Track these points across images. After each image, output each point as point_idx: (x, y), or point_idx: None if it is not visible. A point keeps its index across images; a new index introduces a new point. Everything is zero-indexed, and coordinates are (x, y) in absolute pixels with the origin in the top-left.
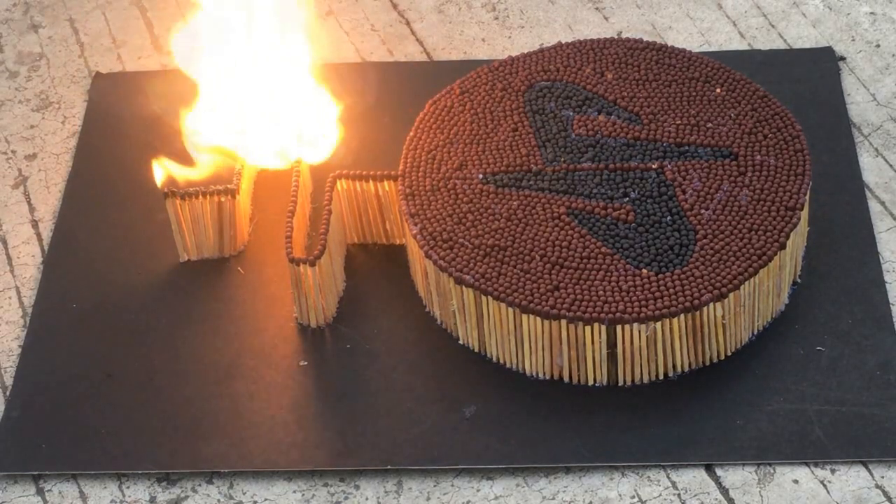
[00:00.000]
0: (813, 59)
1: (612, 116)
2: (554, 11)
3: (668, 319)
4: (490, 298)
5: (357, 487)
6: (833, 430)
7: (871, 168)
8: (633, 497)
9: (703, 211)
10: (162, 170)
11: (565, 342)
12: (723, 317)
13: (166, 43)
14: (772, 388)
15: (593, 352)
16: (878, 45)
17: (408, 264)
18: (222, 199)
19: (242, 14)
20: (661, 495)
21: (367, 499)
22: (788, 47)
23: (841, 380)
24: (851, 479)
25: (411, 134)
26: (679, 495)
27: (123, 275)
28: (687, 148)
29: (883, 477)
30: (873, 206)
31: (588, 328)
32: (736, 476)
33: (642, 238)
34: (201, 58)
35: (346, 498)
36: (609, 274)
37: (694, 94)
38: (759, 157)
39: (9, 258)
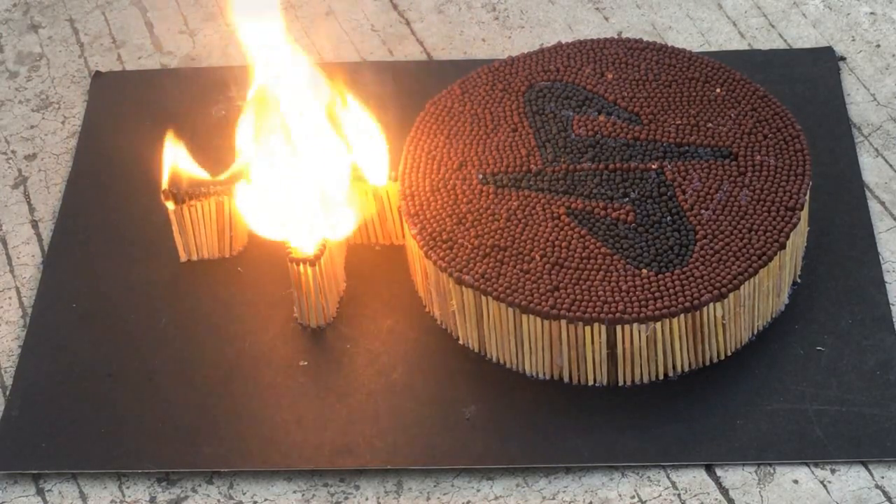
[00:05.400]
0: (813, 59)
1: (612, 116)
2: (554, 11)
3: (668, 319)
4: (490, 298)
5: (357, 487)
6: (833, 430)
7: (871, 168)
8: (633, 497)
9: (703, 211)
10: (170, 170)
11: (565, 342)
12: (723, 317)
13: (166, 43)
14: (772, 388)
15: (593, 352)
16: (878, 45)
17: (408, 264)
18: (222, 200)
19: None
20: (661, 495)
21: (367, 499)
22: (788, 47)
23: (841, 380)
24: (851, 479)
25: (411, 134)
26: (679, 495)
27: (123, 275)
28: (687, 148)
29: (883, 477)
30: (873, 206)
31: (588, 328)
32: (736, 476)
33: (642, 238)
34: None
35: (346, 498)
36: (609, 274)
37: (694, 94)
38: (759, 157)
39: (9, 258)
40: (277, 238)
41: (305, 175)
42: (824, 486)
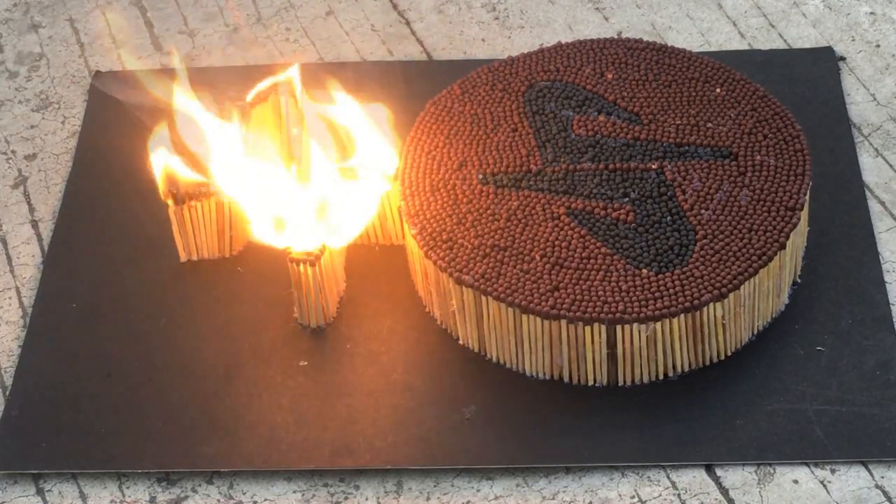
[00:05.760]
0: (813, 59)
1: (612, 116)
2: (554, 11)
3: (668, 319)
4: (490, 298)
5: (357, 487)
6: (833, 430)
7: (871, 168)
8: (633, 497)
9: (703, 211)
10: (161, 169)
11: (565, 342)
12: (723, 317)
13: (166, 43)
14: (772, 388)
15: (593, 352)
16: (878, 45)
17: (408, 264)
18: (222, 200)
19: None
20: (661, 495)
21: (367, 499)
22: (788, 47)
23: (841, 380)
24: (851, 479)
25: (411, 134)
26: (679, 495)
27: (123, 275)
28: (687, 148)
29: (883, 477)
30: (873, 206)
31: (588, 328)
32: (736, 476)
33: (642, 238)
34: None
35: (346, 498)
36: (609, 274)
37: (694, 94)
38: (759, 157)
39: (9, 258)
40: (278, 244)
41: (305, 178)
42: (824, 486)
